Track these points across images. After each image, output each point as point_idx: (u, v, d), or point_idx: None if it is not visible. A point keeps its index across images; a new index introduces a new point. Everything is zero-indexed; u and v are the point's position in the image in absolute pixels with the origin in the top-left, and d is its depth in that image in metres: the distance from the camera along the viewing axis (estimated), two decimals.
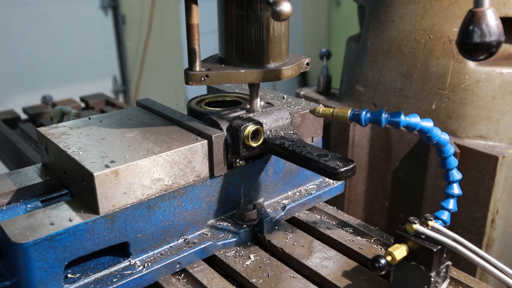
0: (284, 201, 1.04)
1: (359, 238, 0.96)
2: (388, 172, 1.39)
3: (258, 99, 0.98)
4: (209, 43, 2.76)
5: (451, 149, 0.81)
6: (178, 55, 5.00)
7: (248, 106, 0.99)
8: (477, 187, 1.23)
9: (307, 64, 0.99)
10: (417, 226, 0.76)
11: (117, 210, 0.79)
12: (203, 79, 0.90)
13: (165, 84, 4.93)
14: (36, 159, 1.33)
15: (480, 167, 1.21)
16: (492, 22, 0.65)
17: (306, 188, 1.10)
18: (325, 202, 1.11)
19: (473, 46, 0.66)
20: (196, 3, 0.87)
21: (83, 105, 1.91)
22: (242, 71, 0.91)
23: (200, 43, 0.90)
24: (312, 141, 1.09)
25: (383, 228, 1.51)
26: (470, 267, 1.09)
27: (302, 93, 1.71)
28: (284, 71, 0.92)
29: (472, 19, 0.66)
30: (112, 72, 4.61)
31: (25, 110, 1.78)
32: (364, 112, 0.78)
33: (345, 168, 0.79)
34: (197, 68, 0.90)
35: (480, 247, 1.22)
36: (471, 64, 1.20)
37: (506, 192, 1.22)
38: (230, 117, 0.94)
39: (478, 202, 1.22)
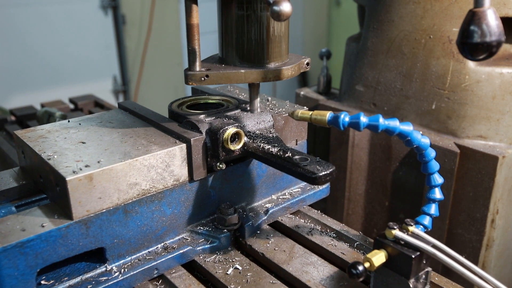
0: (267, 205, 1.03)
1: (341, 243, 0.95)
2: (388, 172, 1.39)
3: (258, 99, 0.97)
4: (209, 43, 2.75)
5: (432, 153, 0.80)
6: (178, 55, 4.99)
7: (230, 109, 0.98)
8: (477, 187, 1.23)
9: (307, 64, 0.99)
10: (396, 232, 0.74)
11: (92, 215, 0.78)
12: (203, 79, 0.89)
13: (165, 84, 4.92)
14: None
15: (480, 167, 1.21)
16: (492, 22, 0.65)
17: (291, 191, 1.09)
18: (309, 206, 1.10)
19: (473, 46, 0.66)
20: (196, 3, 0.87)
21: (72, 106, 1.90)
22: (242, 71, 0.91)
23: (200, 43, 0.90)
24: (297, 144, 1.08)
25: (383, 228, 1.49)
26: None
27: (302, 93, 1.70)
28: (284, 71, 0.92)
29: (473, 19, 0.66)
30: (112, 72, 4.60)
31: (12, 112, 1.76)
32: (342, 116, 0.76)
33: (324, 173, 0.77)
34: (197, 68, 0.90)
35: (480, 247, 1.22)
36: (471, 64, 1.20)
37: (506, 192, 1.22)
38: (210, 119, 0.92)
39: (478, 202, 1.22)
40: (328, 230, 0.99)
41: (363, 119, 0.75)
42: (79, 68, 4.28)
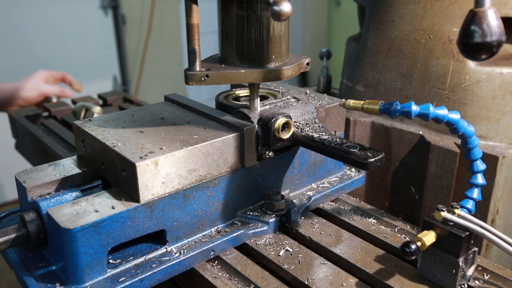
0: (309, 193, 1.08)
1: (383, 227, 1.00)
2: (388, 172, 1.39)
3: (258, 99, 0.98)
4: (209, 43, 2.78)
5: (476, 140, 0.85)
6: (178, 55, 5.02)
7: (274, 100, 1.03)
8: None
9: (307, 64, 1.00)
10: (445, 214, 0.79)
11: (156, 199, 0.83)
12: (203, 79, 0.90)
13: (165, 84, 4.96)
14: (62, 153, 1.36)
15: None
16: (493, 22, 0.65)
17: (329, 180, 1.14)
18: (348, 194, 1.15)
19: (474, 46, 0.66)
20: (196, 3, 0.87)
21: (101, 102, 1.94)
22: (242, 71, 0.91)
23: (200, 43, 0.90)
24: (335, 134, 1.13)
25: None
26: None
27: None
28: (284, 71, 0.93)
29: (473, 19, 0.66)
30: (112, 72, 4.63)
31: (45, 107, 1.81)
32: (394, 104, 0.81)
33: (374, 159, 0.82)
34: (197, 68, 0.91)
35: (480, 247, 1.22)
36: (471, 64, 1.20)
37: (506, 192, 1.22)
38: (260, 110, 0.97)
39: (478, 202, 1.21)
40: (368, 216, 1.04)
41: (414, 107, 0.79)
42: (79, 68, 4.32)
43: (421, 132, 1.26)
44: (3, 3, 3.83)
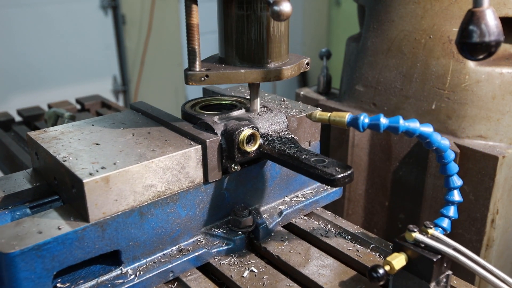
0: (280, 207, 1.02)
1: (357, 245, 0.94)
2: (388, 172, 1.38)
3: (259, 99, 0.96)
4: (209, 43, 2.74)
5: (451, 154, 0.79)
6: (178, 55, 4.99)
7: (244, 110, 0.97)
8: (477, 187, 1.22)
9: (307, 64, 0.98)
10: (416, 235, 0.73)
11: (108, 217, 0.77)
12: (203, 79, 0.89)
13: (165, 84, 4.91)
14: (30, 163, 1.30)
15: (480, 167, 1.20)
16: (491, 22, 0.65)
17: (304, 193, 1.08)
18: (323, 208, 1.09)
19: (472, 45, 0.66)
20: (196, 3, 0.86)
21: (78, 107, 1.89)
22: (242, 71, 0.90)
23: (200, 43, 0.89)
24: (310, 145, 1.07)
25: (383, 228, 1.49)
26: (469, 274, 1.07)
27: (302, 93, 1.69)
28: (284, 71, 0.91)
29: (472, 19, 0.65)
30: (112, 72, 4.59)
31: (19, 112, 1.75)
32: (362, 117, 0.76)
33: (342, 175, 0.77)
34: (197, 68, 0.89)
35: (480, 247, 1.22)
36: (471, 64, 1.20)
37: (506, 192, 1.21)
38: (225, 121, 0.92)
39: (478, 202, 1.21)
40: (342, 232, 0.98)
41: (383, 120, 0.74)
42: (79, 68, 4.27)
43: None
44: (3, 3, 3.78)
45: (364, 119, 0.76)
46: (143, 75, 4.62)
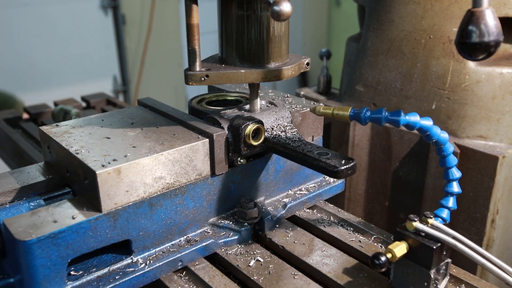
0: (284, 200, 1.05)
1: (359, 236, 0.97)
2: (388, 172, 1.39)
3: (258, 99, 0.98)
4: (209, 43, 2.76)
5: (450, 147, 0.82)
6: (178, 55, 5.01)
7: (248, 105, 1.00)
8: (477, 187, 1.23)
9: (307, 64, 0.99)
10: (417, 224, 0.76)
11: (119, 208, 0.80)
12: (203, 79, 0.90)
13: (165, 84, 4.94)
14: (38, 158, 1.33)
15: (480, 167, 1.21)
16: (490, 22, 0.65)
17: (307, 186, 1.11)
18: (325, 201, 1.12)
19: (471, 46, 0.66)
20: (196, 3, 0.87)
21: (84, 104, 1.92)
22: (242, 71, 0.91)
23: (200, 43, 0.90)
24: (313, 140, 1.10)
25: (383, 228, 1.51)
26: (471, 265, 1.09)
27: (302, 93, 1.71)
28: (284, 71, 0.93)
29: (471, 19, 0.66)
30: (112, 72, 4.61)
31: (26, 109, 1.78)
32: (364, 111, 0.78)
33: (345, 166, 0.80)
34: (197, 68, 0.90)
35: (480, 247, 1.22)
36: (471, 64, 1.21)
37: (506, 192, 1.22)
38: (231, 116, 0.95)
39: (478, 202, 1.22)
40: (345, 224, 1.01)
41: (385, 114, 0.77)
42: (79, 68, 4.30)
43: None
44: (3, 3, 3.80)
45: (366, 112, 0.78)
46: (143, 75, 4.65)
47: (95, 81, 4.35)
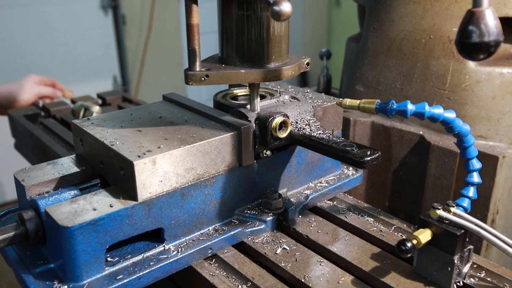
0: (306, 191, 1.08)
1: (380, 226, 1.00)
2: (388, 172, 1.39)
3: (258, 99, 0.98)
4: (209, 43, 2.79)
5: (471, 139, 0.85)
6: (178, 55, 5.03)
7: (273, 100, 1.03)
8: (477, 187, 1.23)
9: (307, 64, 1.00)
10: (441, 212, 0.79)
11: (154, 197, 0.83)
12: (203, 79, 0.90)
13: (165, 84, 4.96)
14: (61, 152, 1.37)
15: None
16: (491, 22, 0.65)
17: (326, 179, 1.14)
18: (345, 193, 1.15)
19: (471, 46, 0.66)
20: (196, 3, 0.87)
21: (100, 101, 1.95)
22: (242, 71, 0.92)
23: (200, 43, 0.90)
24: (333, 134, 1.13)
25: None
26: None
27: None
28: (284, 71, 0.93)
29: (471, 19, 0.66)
30: (112, 72, 4.63)
31: (44, 107, 1.82)
32: (390, 104, 0.82)
33: (371, 157, 0.83)
34: (197, 68, 0.91)
35: (480, 247, 1.22)
36: (471, 64, 1.20)
37: (506, 192, 1.22)
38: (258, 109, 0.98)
39: (478, 202, 1.22)
40: (365, 215, 1.04)
41: (410, 106, 0.80)
42: (79, 68, 4.32)
43: (421, 132, 1.27)
44: (3, 3, 3.83)
45: (392, 105, 0.82)
46: (143, 75, 4.67)
47: (95, 81, 4.37)
